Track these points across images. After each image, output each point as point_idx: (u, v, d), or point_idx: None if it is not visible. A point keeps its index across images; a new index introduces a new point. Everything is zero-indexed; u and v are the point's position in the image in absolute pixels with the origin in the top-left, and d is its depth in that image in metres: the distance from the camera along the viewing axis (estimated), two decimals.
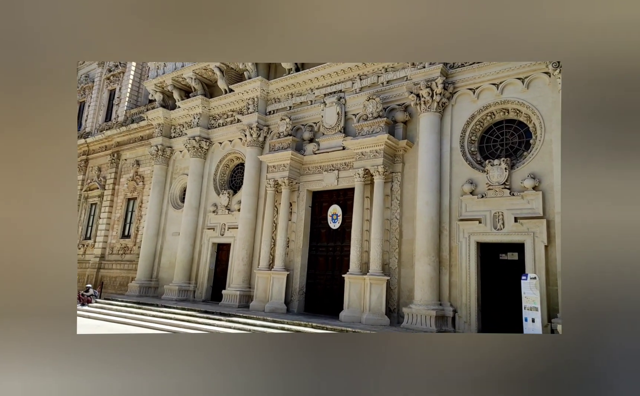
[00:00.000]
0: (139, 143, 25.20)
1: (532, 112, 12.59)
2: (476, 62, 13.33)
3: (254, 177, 17.80)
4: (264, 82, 17.95)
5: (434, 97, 13.52)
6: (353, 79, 15.95)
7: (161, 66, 21.70)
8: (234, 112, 19.75)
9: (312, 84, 17.05)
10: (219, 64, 18.93)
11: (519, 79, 12.79)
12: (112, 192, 25.82)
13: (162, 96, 22.25)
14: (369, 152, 14.15)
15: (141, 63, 28.69)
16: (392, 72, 15.10)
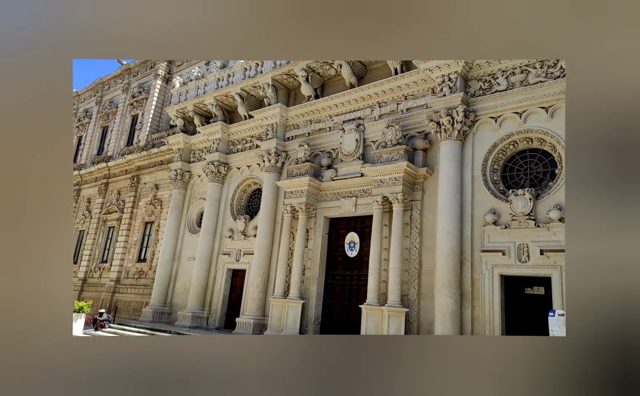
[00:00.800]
0: (158, 167, 25.98)
1: (557, 141, 12.47)
2: (497, 91, 13.41)
3: (271, 203, 18.03)
4: (284, 109, 18.44)
5: (455, 125, 13.58)
6: (372, 106, 16.24)
7: (183, 93, 22.60)
8: (252, 137, 20.26)
9: (331, 111, 17.42)
10: (240, 91, 19.60)
11: (543, 107, 12.75)
12: (130, 215, 26.48)
13: (183, 122, 23.06)
14: (387, 179, 14.22)
15: (164, 90, 29.94)
16: (411, 99, 15.33)
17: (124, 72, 33.26)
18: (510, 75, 13.25)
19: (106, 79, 35.06)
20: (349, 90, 16.46)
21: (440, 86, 14.01)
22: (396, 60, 15.20)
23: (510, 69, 13.23)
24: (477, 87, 13.84)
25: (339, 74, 17.07)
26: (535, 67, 12.82)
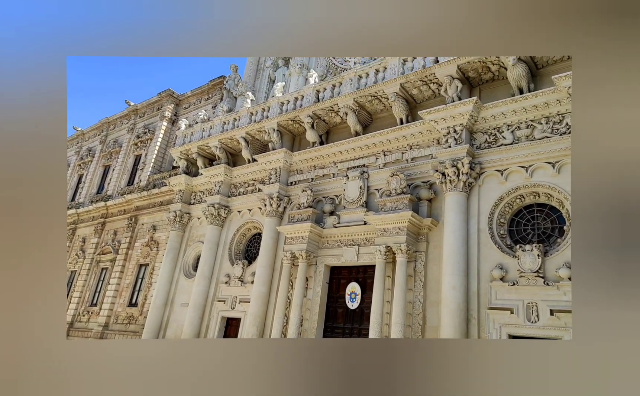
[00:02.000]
0: (157, 208, 26.22)
1: (564, 197, 12.57)
2: (503, 144, 13.75)
3: (270, 248, 17.99)
4: (288, 154, 18.88)
5: (460, 177, 13.80)
6: (377, 155, 16.61)
7: (188, 135, 23.28)
8: (255, 181, 20.59)
9: (335, 158, 17.80)
10: (245, 134, 20.17)
11: (549, 162, 12.95)
12: (125, 256, 26.37)
13: (186, 163, 23.56)
14: (391, 228, 14.26)
15: (169, 131, 30.83)
16: (416, 149, 15.70)
17: (130, 112, 34.46)
18: (515, 130, 13.63)
19: (112, 119, 36.26)
20: (354, 138, 16.91)
21: (446, 137, 14.40)
22: (401, 110, 15.74)
23: (515, 123, 13.64)
24: (482, 140, 14.21)
25: (344, 121, 17.63)
26: (541, 123, 13.20)
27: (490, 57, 13.58)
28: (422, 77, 14.99)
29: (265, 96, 24.43)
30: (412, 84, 15.37)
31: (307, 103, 18.12)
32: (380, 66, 16.34)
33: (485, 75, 14.46)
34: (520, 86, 13.49)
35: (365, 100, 16.67)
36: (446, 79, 14.29)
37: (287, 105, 19.05)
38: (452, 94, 14.26)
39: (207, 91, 29.57)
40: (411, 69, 15.31)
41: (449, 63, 14.16)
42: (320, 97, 17.94)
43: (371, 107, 17.02)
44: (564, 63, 13.30)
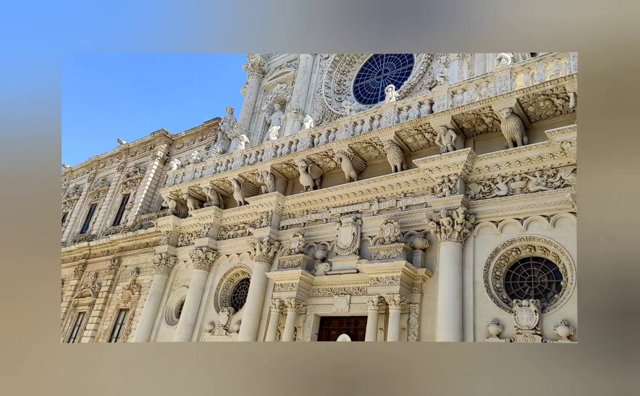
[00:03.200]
0: (143, 250, 25.96)
1: (560, 251, 12.69)
2: (498, 195, 14.04)
3: (258, 295, 17.72)
4: (280, 197, 19.08)
5: (455, 227, 13.96)
6: (371, 201, 16.84)
7: (180, 175, 23.52)
8: (246, 224, 20.62)
9: (328, 203, 18.00)
10: (237, 177, 20.44)
11: (544, 216, 13.16)
12: (105, 300, 25.76)
13: (176, 204, 23.63)
14: (384, 278, 14.20)
15: (160, 171, 31.13)
16: (411, 197, 15.96)
17: (122, 151, 34.90)
18: (510, 181, 13.97)
19: (102, 157, 36.65)
20: (348, 184, 17.20)
21: (440, 186, 14.71)
22: (396, 158, 16.15)
23: (510, 175, 14.01)
24: (477, 190, 14.52)
25: (338, 166, 18.00)
26: (535, 176, 13.57)
27: (484, 109, 14.17)
28: (417, 126, 15.52)
29: (260, 139, 25.00)
30: (407, 132, 15.89)
31: (301, 148, 18.56)
32: (375, 114, 16.94)
33: (479, 127, 15.01)
34: (514, 139, 13.99)
35: (360, 147, 17.12)
36: (440, 129, 14.81)
37: (282, 148, 19.49)
38: (446, 143, 14.73)
39: (202, 132, 30.22)
40: (406, 118, 15.89)
41: (443, 114, 14.74)
42: (315, 142, 18.42)
43: (366, 154, 17.45)
44: (556, 118, 13.88)
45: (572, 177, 12.56)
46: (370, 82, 23.06)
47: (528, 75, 13.68)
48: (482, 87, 14.44)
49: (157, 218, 24.77)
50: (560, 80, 12.69)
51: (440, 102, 15.05)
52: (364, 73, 23.71)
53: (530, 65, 13.76)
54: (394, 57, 22.75)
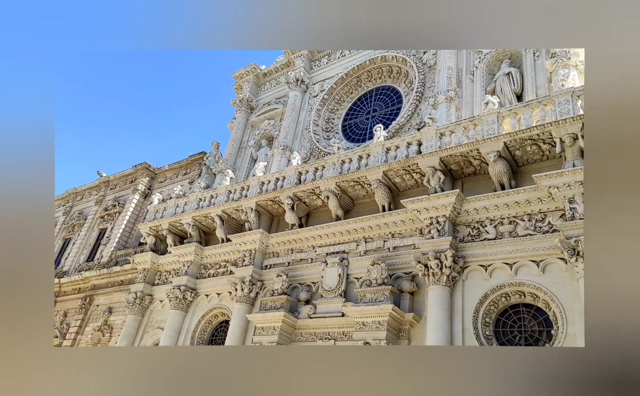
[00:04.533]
0: (117, 288, 25.32)
1: (550, 299, 12.74)
2: (487, 239, 14.23)
3: (238, 338, 17.28)
4: (265, 235, 19.01)
5: (444, 270, 14.00)
6: (358, 241, 16.88)
7: (160, 210, 23.36)
8: (227, 262, 20.38)
9: (314, 242, 17.98)
10: (221, 213, 20.38)
11: (533, 261, 13.30)
12: (73, 343, 24.82)
13: (155, 240, 23.31)
14: (371, 322, 14.04)
15: (140, 206, 30.87)
16: (399, 238, 16.07)
17: (101, 183, 34.65)
18: (498, 225, 14.21)
19: (80, 190, 36.27)
20: (335, 223, 17.29)
21: (429, 228, 14.87)
22: (384, 198, 16.37)
23: (498, 218, 14.27)
24: (465, 233, 14.71)
25: (325, 205, 18.13)
26: (524, 219, 13.84)
27: (472, 152, 14.61)
28: (405, 166, 15.86)
29: (245, 175, 25.16)
30: (395, 172, 16.20)
31: (288, 185, 18.72)
32: (363, 152, 17.30)
33: (467, 169, 15.41)
34: (502, 182, 14.36)
35: (347, 185, 17.35)
36: (429, 170, 15.15)
37: (268, 185, 19.62)
38: (434, 184, 15.04)
39: (186, 166, 30.31)
40: (394, 158, 16.25)
41: (431, 155, 15.13)
42: (302, 179, 18.61)
43: (353, 192, 17.67)
44: (543, 162, 14.35)
45: (561, 222, 12.83)
46: (358, 121, 23.67)
47: (515, 119, 14.24)
48: (469, 129, 14.94)
49: (134, 255, 24.33)
50: (547, 126, 13.22)
51: (429, 143, 15.48)
52: (352, 112, 24.37)
53: (517, 110, 14.34)
54: (382, 97, 23.49)
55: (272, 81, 28.97)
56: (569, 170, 12.57)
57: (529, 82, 17.21)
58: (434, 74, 20.28)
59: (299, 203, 18.61)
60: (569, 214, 12.48)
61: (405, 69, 22.28)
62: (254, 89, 29.02)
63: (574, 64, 15.82)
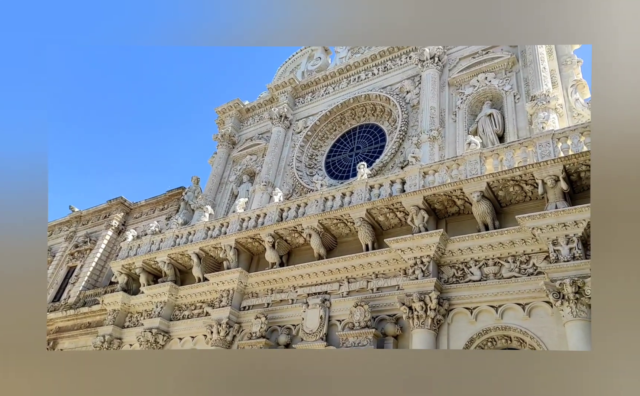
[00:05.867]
0: (83, 330, 24.38)
1: (537, 343, 12.74)
2: (471, 280, 14.29)
3: None
4: (244, 274, 18.73)
5: (428, 313, 13.94)
6: (340, 281, 16.77)
7: (134, 247, 22.89)
8: (203, 303, 19.92)
9: (295, 282, 17.78)
10: (198, 250, 20.08)
11: (519, 304, 13.36)
12: None
13: (127, 279, 22.71)
14: None
15: (113, 242, 30.22)
16: (382, 278, 16.03)
17: (72, 218, 33.90)
18: (483, 266, 14.34)
19: (50, 225, 35.39)
20: (317, 262, 17.20)
21: (413, 268, 14.91)
22: (367, 236, 16.43)
23: (483, 259, 14.41)
24: (450, 274, 14.78)
25: (307, 243, 18.07)
26: (508, 261, 14.01)
27: (455, 191, 14.91)
28: (389, 204, 16.05)
29: (225, 211, 25.02)
30: (378, 210, 16.36)
31: (269, 222, 18.66)
32: (347, 190, 17.47)
33: (451, 208, 15.67)
34: (486, 222, 14.62)
35: (330, 223, 17.40)
36: (413, 209, 15.35)
37: (248, 222, 19.51)
38: (418, 224, 15.21)
39: (163, 201, 30.00)
40: (378, 196, 16.44)
41: (415, 193, 15.37)
42: (284, 216, 18.60)
43: (336, 231, 17.70)
44: (526, 203, 14.71)
45: (545, 264, 13.03)
46: (342, 158, 24.02)
47: (497, 160, 14.67)
48: (453, 169, 15.30)
49: (103, 295, 23.61)
50: (528, 167, 13.65)
51: (412, 182, 15.75)
52: (336, 148, 24.76)
53: (499, 151, 14.81)
54: (366, 135, 24.00)
55: (255, 116, 29.36)
56: (551, 211, 12.90)
57: (510, 124, 17.86)
58: (417, 113, 20.89)
59: (280, 241, 18.51)
60: (553, 256, 12.71)
61: (389, 107, 22.91)
62: (237, 124, 29.32)
63: (554, 107, 16.55)
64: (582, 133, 13.51)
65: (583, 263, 12.06)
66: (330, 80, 26.40)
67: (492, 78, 19.56)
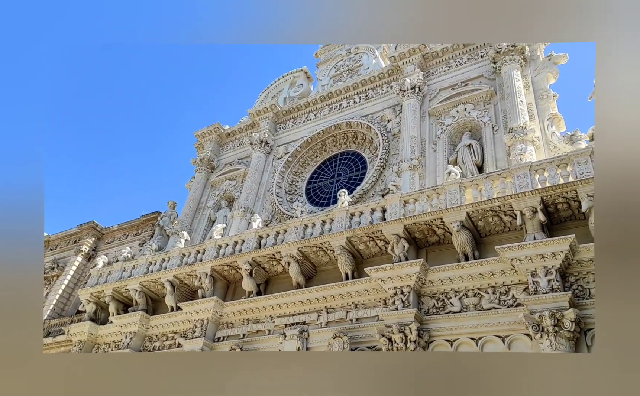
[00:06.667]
0: None
1: None
2: (452, 311, 14.30)
3: None
4: (219, 303, 18.34)
5: (408, 344, 13.84)
6: (319, 311, 16.57)
7: (105, 274, 22.24)
8: (175, 334, 19.35)
9: (273, 311, 17.49)
10: (172, 278, 19.63)
11: (499, 336, 13.39)
12: None
13: (95, 308, 21.97)
14: None
15: (83, 269, 29.35)
16: (362, 308, 15.92)
17: None
18: (463, 297, 14.40)
19: None
20: (295, 291, 17.00)
21: (393, 299, 14.87)
22: (347, 265, 16.39)
23: (463, 290, 14.49)
24: (430, 305, 14.79)
25: (286, 271, 17.87)
26: (488, 292, 14.11)
27: (435, 220, 15.07)
28: (369, 233, 16.10)
29: (202, 237, 24.64)
30: (358, 238, 16.38)
31: (247, 249, 18.43)
32: (327, 217, 17.47)
33: (431, 238, 15.81)
34: (466, 252, 14.77)
35: (310, 251, 17.30)
36: (393, 238, 15.42)
37: (225, 248, 19.24)
38: (399, 253, 15.26)
39: (137, 226, 29.42)
40: (358, 224, 16.48)
41: (395, 222, 15.47)
42: (262, 243, 18.42)
43: (316, 259, 17.60)
44: (505, 234, 14.96)
45: (524, 296, 13.18)
46: (323, 185, 24.11)
47: (476, 190, 14.95)
48: (433, 198, 15.51)
49: (69, 324, 22.73)
50: (507, 198, 13.94)
51: (393, 211, 15.87)
52: (317, 175, 24.87)
53: (478, 181, 15.11)
54: (347, 162, 24.23)
55: (236, 141, 29.35)
56: (530, 243, 13.14)
57: (489, 154, 18.31)
58: (398, 142, 21.25)
59: (258, 269, 18.28)
60: (532, 288, 12.87)
61: (370, 135, 23.26)
62: (216, 149, 29.23)
63: (531, 139, 17.08)
64: (558, 166, 13.94)
65: (562, 295, 12.24)
66: (312, 106, 26.72)
67: (471, 109, 20.12)
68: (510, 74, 19.39)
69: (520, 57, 19.85)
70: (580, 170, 13.32)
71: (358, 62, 27.36)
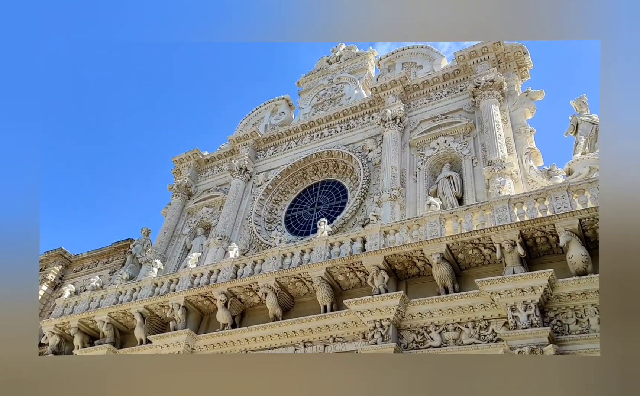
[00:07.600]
0: None
1: None
2: (431, 346, 14.22)
3: None
4: (191, 336, 17.85)
5: None
6: (296, 345, 16.29)
7: (71, 304, 21.49)
8: None
9: (248, 345, 17.11)
10: (143, 309, 19.09)
11: None
12: None
13: (59, 340, 21.12)
14: None
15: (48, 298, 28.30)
16: (340, 343, 15.71)
17: None
18: (443, 331, 14.38)
19: None
20: (272, 323, 16.70)
21: (372, 332, 14.74)
22: (326, 297, 16.24)
23: (443, 323, 14.48)
24: (410, 339, 14.72)
25: (262, 302, 17.58)
26: (468, 326, 14.14)
27: (416, 252, 15.15)
28: (349, 263, 16.05)
29: (177, 266, 24.15)
30: (338, 269, 16.30)
31: (222, 279, 18.11)
32: (306, 247, 17.38)
33: (411, 270, 15.86)
34: (446, 285, 14.84)
35: (288, 282, 17.11)
36: (373, 269, 15.41)
37: (200, 278, 18.87)
38: (378, 285, 15.22)
39: (108, 254, 28.67)
40: (338, 254, 16.44)
41: (375, 253, 15.49)
42: (239, 273, 18.15)
43: (294, 290, 17.40)
44: (485, 267, 15.11)
45: (504, 331, 13.26)
46: (303, 214, 24.08)
47: (456, 222, 15.15)
48: (413, 229, 15.64)
49: None
50: (486, 231, 14.16)
51: (373, 241, 15.91)
52: (297, 204, 24.85)
53: (458, 213, 15.33)
54: (328, 191, 24.33)
55: (214, 168, 29.21)
56: (509, 276, 13.30)
57: (469, 187, 18.67)
58: (379, 172, 21.50)
59: (233, 300, 17.94)
60: (511, 323, 12.97)
61: (351, 165, 23.49)
62: (194, 175, 29.00)
63: (509, 173, 17.51)
64: (536, 200, 14.28)
65: (541, 330, 12.36)
66: (294, 135, 26.91)
67: (451, 141, 20.58)
68: (489, 108, 19.99)
69: (499, 92, 20.53)
70: (558, 204, 13.67)
71: (340, 91, 27.83)
